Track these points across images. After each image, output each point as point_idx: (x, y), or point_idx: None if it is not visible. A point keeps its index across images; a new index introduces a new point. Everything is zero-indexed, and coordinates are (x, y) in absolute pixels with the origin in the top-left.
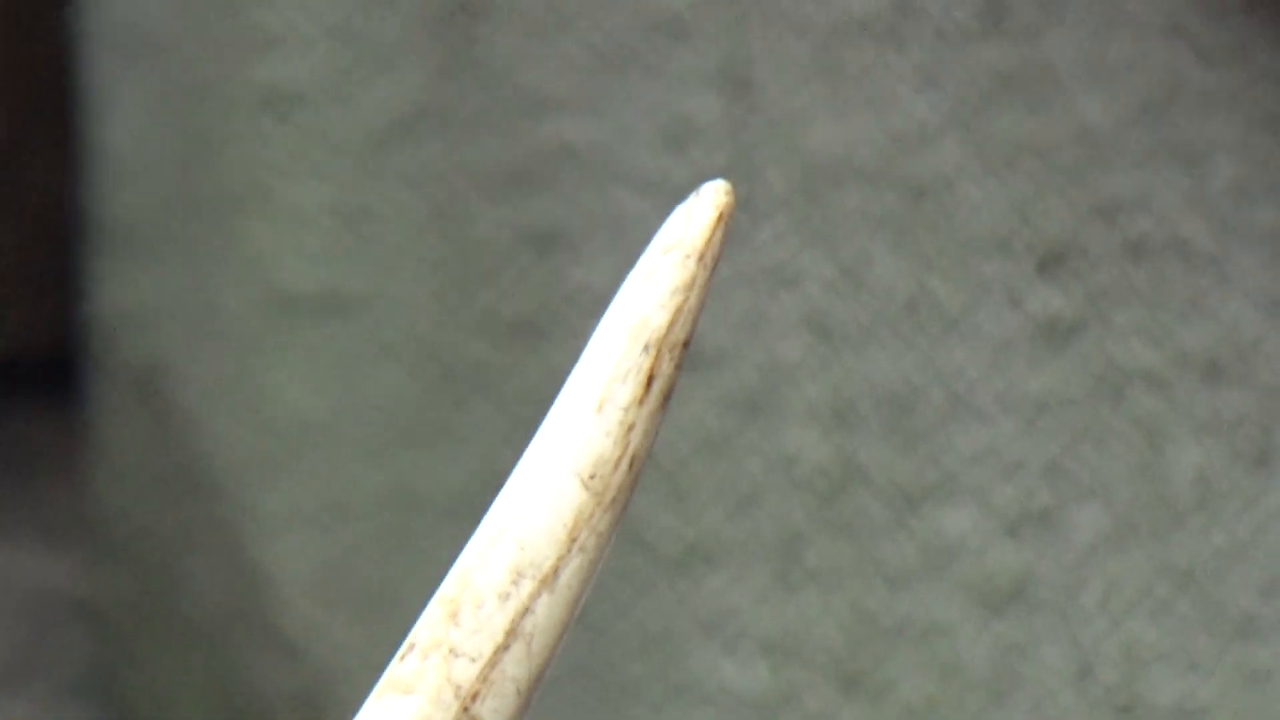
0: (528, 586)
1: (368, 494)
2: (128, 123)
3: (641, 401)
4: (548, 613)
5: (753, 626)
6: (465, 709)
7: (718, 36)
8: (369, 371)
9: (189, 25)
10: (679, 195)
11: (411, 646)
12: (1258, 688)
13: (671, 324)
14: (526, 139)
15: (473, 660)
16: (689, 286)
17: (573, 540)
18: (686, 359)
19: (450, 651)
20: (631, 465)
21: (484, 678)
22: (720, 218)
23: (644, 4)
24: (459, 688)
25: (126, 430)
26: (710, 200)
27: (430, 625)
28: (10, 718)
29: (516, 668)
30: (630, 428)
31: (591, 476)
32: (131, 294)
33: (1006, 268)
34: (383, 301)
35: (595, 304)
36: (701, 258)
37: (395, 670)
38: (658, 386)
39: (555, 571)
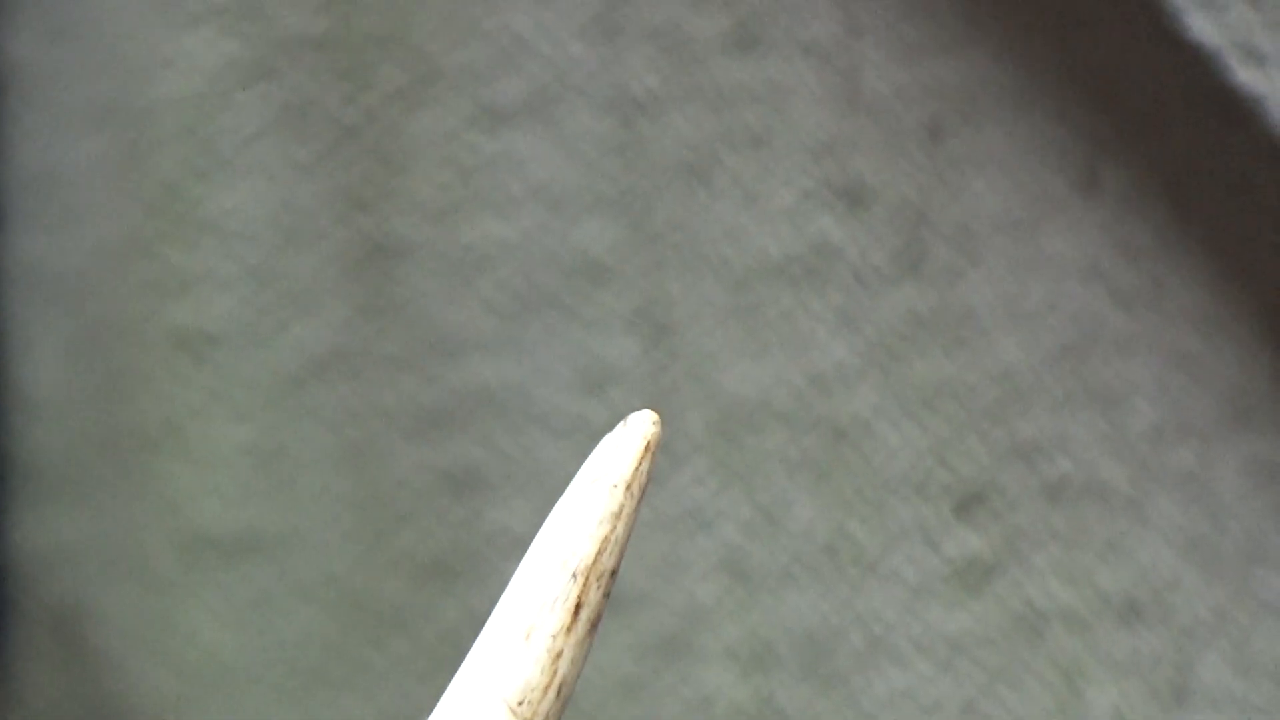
0: None
1: None
2: (43, 363)
3: (569, 630)
4: None
5: None
6: None
7: (636, 280)
8: (285, 611)
9: (103, 267)
10: (597, 438)
11: None
12: None
13: (599, 553)
14: (443, 380)
15: None
16: (616, 516)
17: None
18: (611, 592)
19: None
20: (560, 692)
21: None
22: (648, 448)
23: (562, 247)
24: None
25: (42, 672)
26: (638, 430)
27: None
28: None
29: None
30: (558, 655)
31: (520, 703)
32: (47, 535)
33: (924, 510)
34: (299, 541)
35: (513, 545)
36: (629, 487)
37: None
38: (585, 614)
39: None
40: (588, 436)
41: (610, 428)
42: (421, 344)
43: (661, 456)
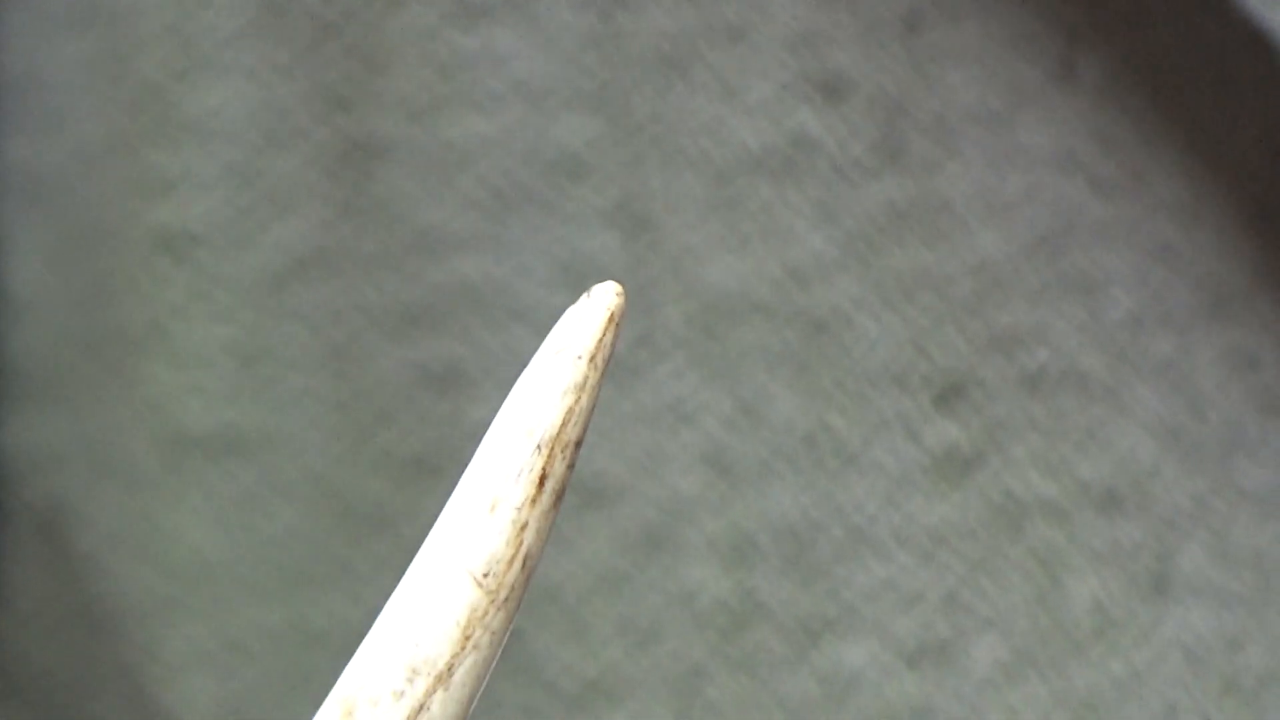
0: (423, 684)
1: (267, 632)
2: (26, 266)
3: (534, 501)
4: (442, 709)
5: None
6: None
7: (615, 174)
8: (268, 510)
9: (86, 168)
10: None
11: None
12: None
13: (564, 424)
14: (425, 277)
15: None
16: (580, 387)
17: (467, 638)
18: (575, 464)
19: None
20: (525, 563)
21: None
22: (611, 318)
23: (542, 143)
24: None
25: (27, 573)
26: (601, 301)
27: None
28: None
29: None
30: (523, 527)
31: (485, 575)
32: (31, 437)
33: (904, 402)
34: (281, 441)
35: None
36: (593, 358)
37: None
38: (550, 486)
39: (450, 669)
40: None
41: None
42: (402, 242)
43: (640, 350)
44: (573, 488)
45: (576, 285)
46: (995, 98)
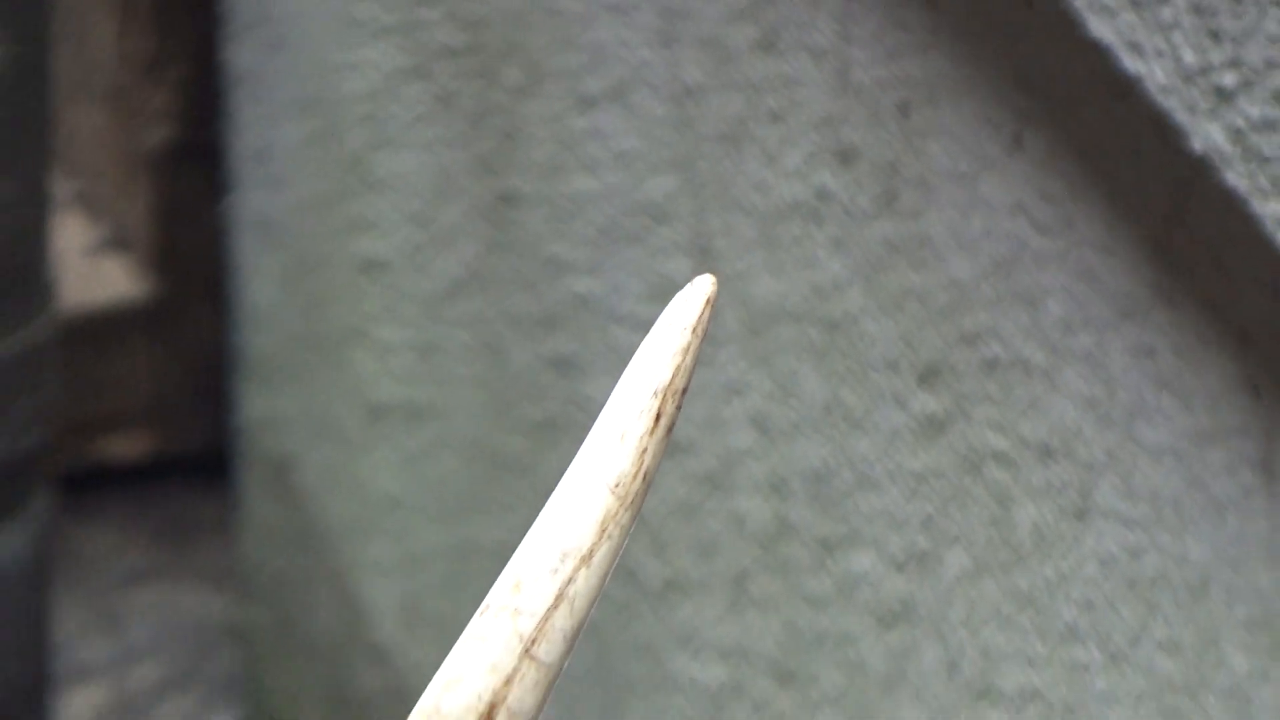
0: (571, 564)
1: (438, 549)
2: (263, 285)
3: (652, 432)
4: (585, 583)
5: (712, 639)
6: (526, 651)
7: (687, 218)
8: (438, 461)
9: (306, 214)
10: None
11: (486, 608)
12: (1078, 677)
13: (674, 376)
14: (550, 293)
15: (532, 616)
16: (686, 350)
17: (603, 530)
18: (682, 406)
19: (515, 611)
20: (645, 478)
21: (540, 629)
22: (708, 300)
23: (635, 195)
24: (522, 636)
25: (263, 506)
26: (701, 289)
27: (500, 593)
28: (175, 716)
29: (563, 621)
30: (644, 451)
31: (616, 485)
32: (267, 406)
33: (895, 381)
34: (448, 410)
35: (599, 410)
36: (695, 329)
37: (475, 625)
38: (663, 422)
39: (591, 553)
40: None
41: None
42: (534, 268)
43: (705, 345)
44: None
45: (659, 298)
46: (964, 163)
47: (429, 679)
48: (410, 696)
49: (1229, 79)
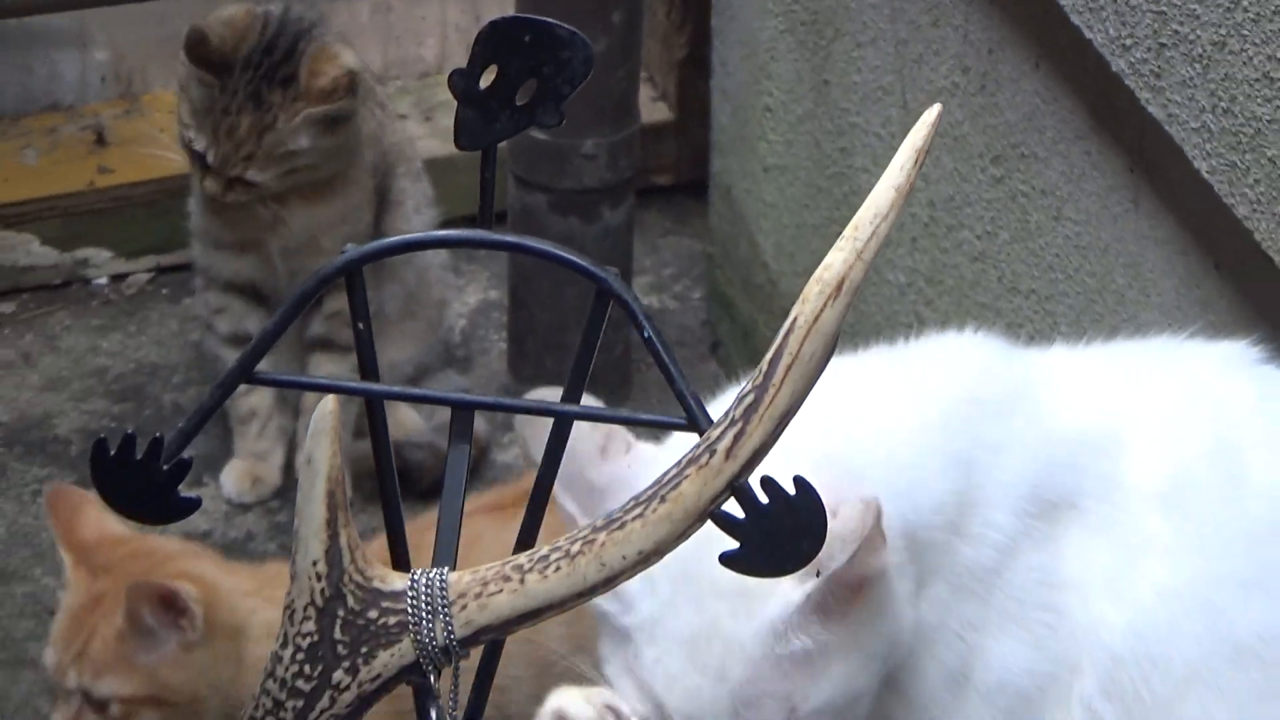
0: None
1: (806, 220)
2: (727, 105)
3: (888, 218)
4: (883, 226)
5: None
6: (859, 254)
7: None
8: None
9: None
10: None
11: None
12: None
13: (914, 167)
14: None
15: (860, 241)
16: (922, 153)
17: (890, 207)
18: (922, 163)
19: (854, 240)
20: (910, 186)
21: (866, 245)
22: (932, 123)
23: None
24: (858, 251)
25: (721, 208)
26: (928, 119)
27: (845, 234)
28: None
29: (874, 245)
30: (899, 189)
31: (895, 189)
32: (724, 163)
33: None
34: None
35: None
36: (921, 147)
37: (837, 245)
38: (909, 184)
39: (889, 210)
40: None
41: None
42: None
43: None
44: None
45: None
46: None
47: (793, 291)
48: (785, 297)
49: None
